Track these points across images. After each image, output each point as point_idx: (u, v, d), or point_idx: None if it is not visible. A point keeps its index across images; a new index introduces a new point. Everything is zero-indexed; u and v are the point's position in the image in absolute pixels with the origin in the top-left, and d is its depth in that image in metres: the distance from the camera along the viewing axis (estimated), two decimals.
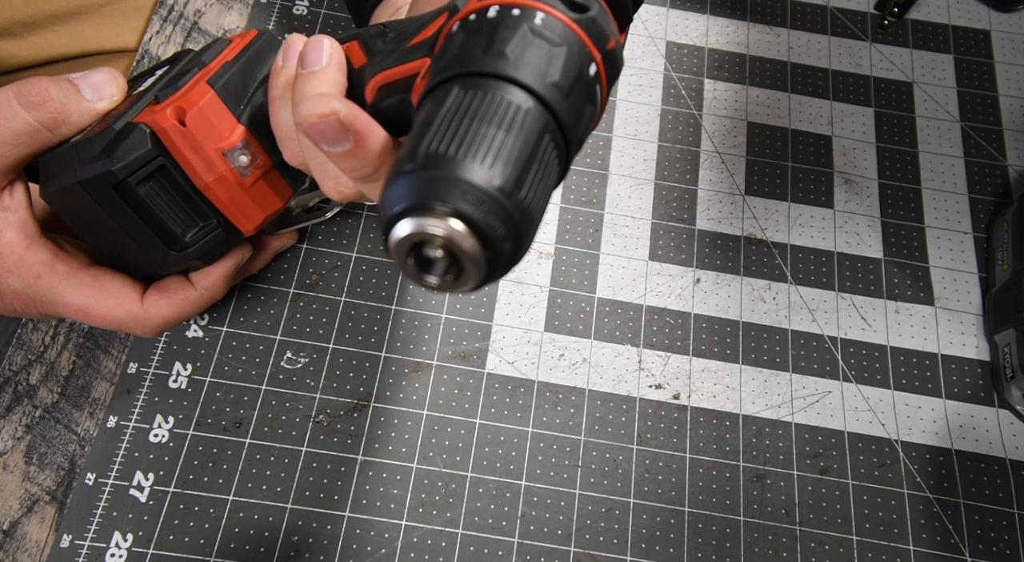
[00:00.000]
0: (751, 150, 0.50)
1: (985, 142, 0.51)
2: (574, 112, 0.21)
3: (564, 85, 0.20)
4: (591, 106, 0.22)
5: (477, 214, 0.17)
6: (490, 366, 0.42)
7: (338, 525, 0.38)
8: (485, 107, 0.19)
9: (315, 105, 0.23)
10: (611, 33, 0.22)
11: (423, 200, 0.18)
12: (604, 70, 0.22)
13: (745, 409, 0.42)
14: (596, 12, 0.22)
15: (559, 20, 0.21)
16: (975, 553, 0.40)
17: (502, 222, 0.18)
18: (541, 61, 0.20)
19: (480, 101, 0.19)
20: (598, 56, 0.22)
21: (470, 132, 0.18)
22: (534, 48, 0.20)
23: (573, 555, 0.39)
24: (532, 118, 0.20)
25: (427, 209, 0.18)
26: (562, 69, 0.20)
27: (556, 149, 0.20)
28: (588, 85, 0.21)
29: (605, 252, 0.46)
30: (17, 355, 0.41)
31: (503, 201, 0.18)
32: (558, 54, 0.20)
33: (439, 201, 0.17)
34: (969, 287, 0.46)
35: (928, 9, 0.55)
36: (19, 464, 0.39)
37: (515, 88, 0.20)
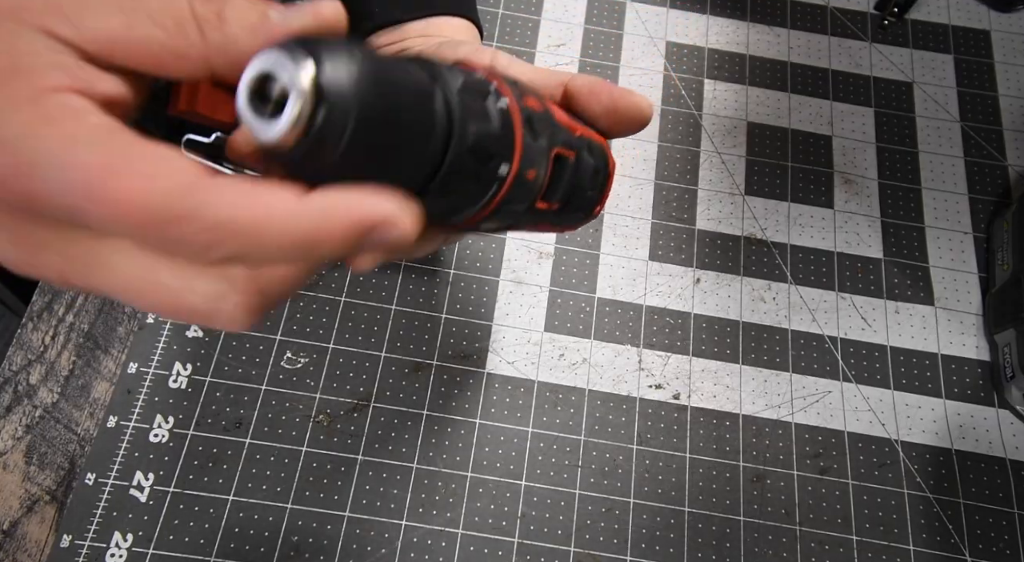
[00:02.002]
0: (751, 150, 0.50)
1: (985, 142, 0.51)
2: (460, 166, 0.21)
3: (472, 141, 0.21)
4: (477, 190, 0.23)
5: (331, 78, 0.17)
6: (490, 366, 0.42)
7: (338, 525, 0.38)
8: (408, 73, 0.20)
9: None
10: (537, 168, 0.24)
11: (305, 40, 0.18)
12: (510, 184, 0.23)
13: (745, 409, 0.42)
14: (540, 146, 0.23)
15: (513, 119, 0.23)
16: (975, 553, 0.40)
17: (343, 105, 0.17)
18: (475, 114, 0.21)
19: (409, 70, 0.20)
20: (515, 168, 0.23)
21: (382, 63, 0.19)
22: (482, 106, 0.22)
23: (573, 555, 0.39)
24: (427, 104, 0.20)
25: (302, 46, 0.17)
26: (483, 133, 0.21)
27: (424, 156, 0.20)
28: (489, 173, 0.22)
29: (605, 252, 0.46)
30: (17, 355, 0.41)
31: (356, 98, 0.17)
32: (491, 126, 0.22)
33: (315, 48, 0.17)
34: (969, 287, 0.46)
35: (928, 9, 0.55)
36: (19, 464, 0.39)
37: (441, 96, 0.20)
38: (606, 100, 0.29)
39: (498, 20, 0.52)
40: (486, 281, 0.45)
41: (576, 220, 0.29)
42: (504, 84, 0.24)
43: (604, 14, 0.54)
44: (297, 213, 0.18)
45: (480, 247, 0.46)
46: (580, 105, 0.29)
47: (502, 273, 0.45)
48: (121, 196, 0.16)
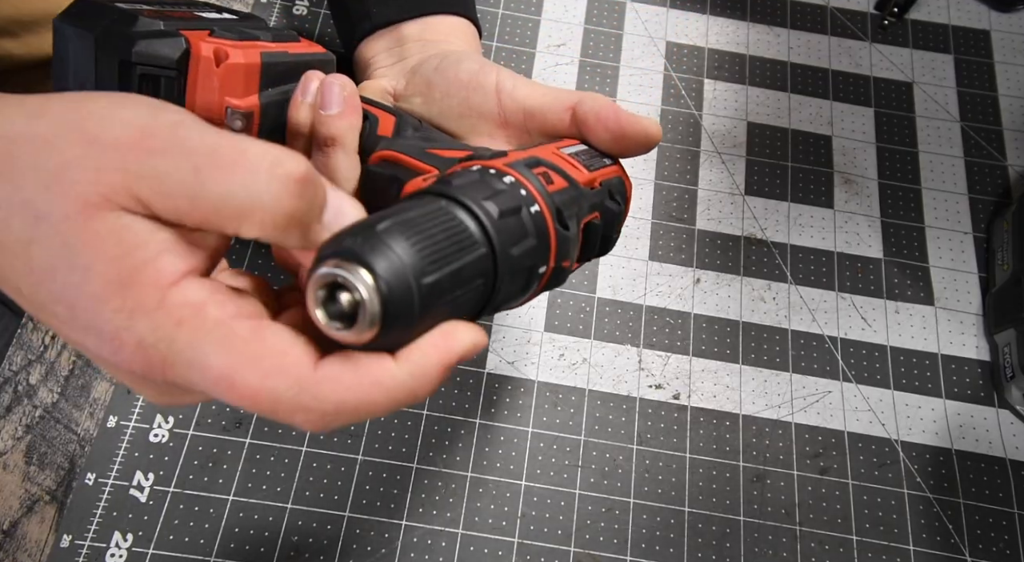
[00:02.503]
0: (751, 150, 0.50)
1: (985, 142, 0.51)
2: (507, 284, 0.23)
3: (516, 265, 0.23)
4: (521, 294, 0.25)
5: (392, 279, 0.19)
6: (490, 366, 0.42)
7: (338, 525, 0.38)
8: (448, 223, 0.22)
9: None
10: (570, 256, 0.26)
11: (350, 253, 0.20)
12: (548, 277, 0.26)
13: (745, 409, 0.42)
14: (572, 234, 0.26)
15: (546, 221, 0.24)
16: (975, 553, 0.40)
17: (406, 295, 0.20)
18: (513, 235, 0.23)
19: (448, 218, 0.22)
20: (552, 264, 0.25)
21: (422, 228, 0.21)
22: (516, 223, 0.23)
23: (573, 555, 0.39)
24: (475, 250, 0.22)
25: (351, 259, 0.19)
26: (523, 252, 0.23)
27: (480, 289, 0.23)
28: (530, 276, 0.25)
29: None
30: (17, 355, 0.41)
31: (414, 279, 0.20)
32: (528, 241, 0.24)
33: (363, 258, 0.19)
34: (969, 287, 0.46)
35: (928, 9, 0.55)
36: (19, 464, 0.39)
37: (480, 231, 0.22)
38: (613, 127, 0.29)
39: (498, 20, 0.52)
40: None
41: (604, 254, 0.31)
42: (533, 186, 0.25)
43: (604, 14, 0.54)
44: (399, 379, 0.21)
45: None
46: (588, 131, 0.29)
47: None
48: (246, 393, 0.20)
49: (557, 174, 0.26)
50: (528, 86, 0.31)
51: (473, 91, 0.31)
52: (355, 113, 0.31)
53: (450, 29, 0.37)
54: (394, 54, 0.36)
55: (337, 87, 0.30)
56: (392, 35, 0.37)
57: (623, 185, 0.30)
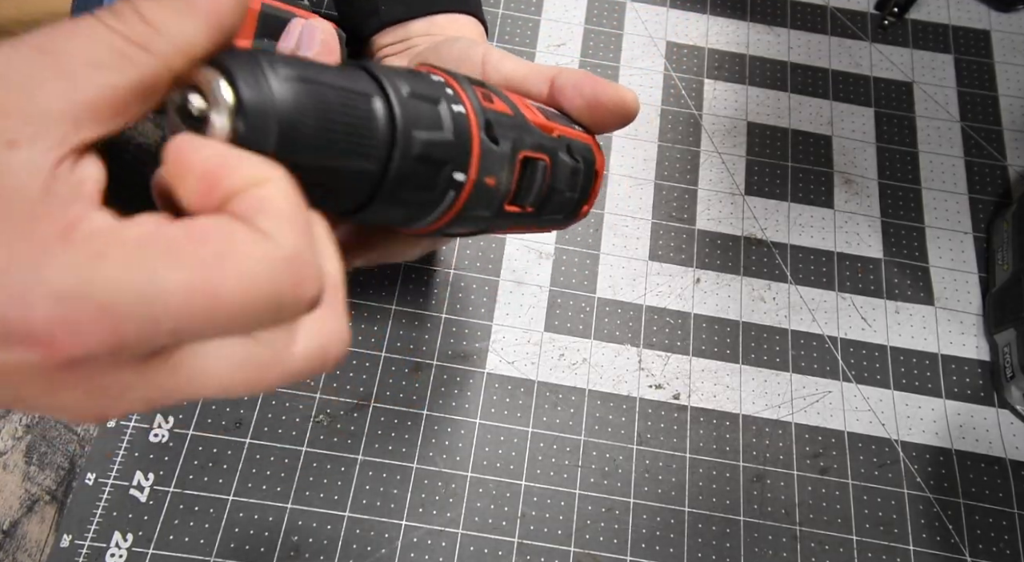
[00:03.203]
0: (751, 150, 0.50)
1: (985, 142, 0.51)
2: (409, 173, 0.21)
3: (419, 147, 0.21)
4: (430, 196, 0.22)
5: (249, 97, 0.17)
6: (490, 366, 0.42)
7: (338, 525, 0.38)
8: (349, 84, 0.20)
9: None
10: (497, 175, 0.24)
11: (220, 62, 0.18)
12: (468, 191, 0.23)
13: (745, 409, 0.42)
14: (500, 151, 0.23)
15: (470, 124, 0.23)
16: (975, 553, 0.40)
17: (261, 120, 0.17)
18: (423, 120, 0.21)
19: (350, 80, 0.20)
20: (473, 175, 0.23)
21: (315, 69, 0.19)
22: (430, 111, 0.21)
23: (573, 555, 0.39)
24: (371, 121, 0.20)
25: (222, 69, 0.18)
26: (431, 141, 0.21)
27: (367, 165, 0.20)
28: (443, 179, 0.22)
29: (605, 252, 0.46)
30: None
31: (278, 110, 0.18)
32: (442, 134, 0.22)
33: (232, 73, 0.17)
34: (969, 287, 0.46)
35: (928, 9, 0.55)
36: (19, 464, 0.39)
37: (383, 104, 0.20)
38: (588, 93, 0.28)
39: (498, 20, 0.52)
40: (486, 281, 0.45)
41: (559, 221, 0.29)
42: (463, 88, 0.23)
43: (604, 14, 0.54)
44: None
45: (480, 247, 0.46)
46: (565, 100, 0.29)
47: (502, 273, 0.45)
48: (234, 286, 0.15)
49: (501, 100, 0.25)
50: (513, 61, 0.31)
51: (460, 63, 0.31)
52: (331, 55, 0.30)
53: (458, 27, 0.37)
54: (401, 46, 0.37)
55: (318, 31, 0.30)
56: (400, 31, 0.37)
57: (590, 152, 0.28)
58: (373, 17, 0.37)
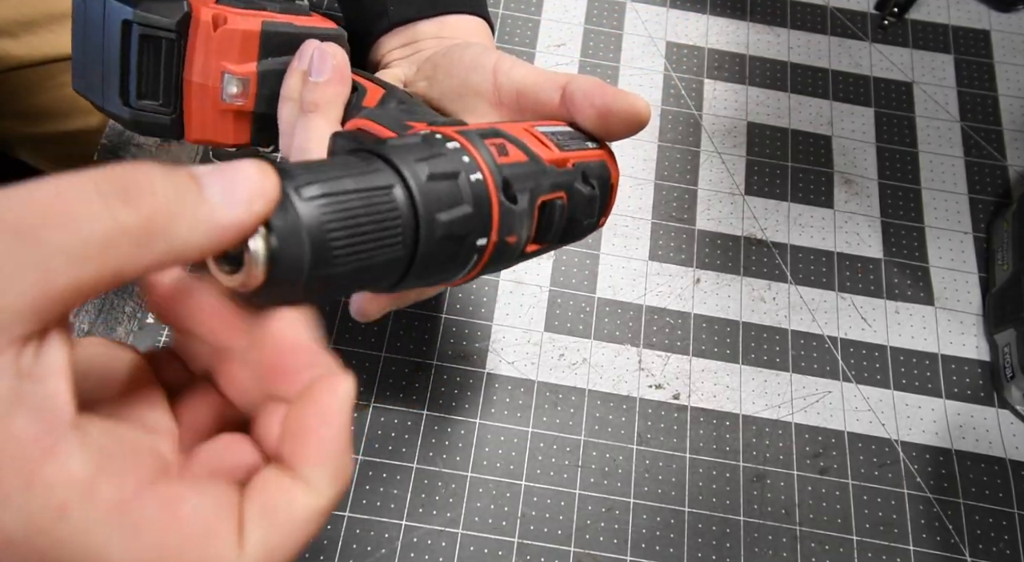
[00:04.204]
0: (751, 150, 0.50)
1: (985, 142, 0.51)
2: (436, 251, 0.22)
3: (444, 230, 0.22)
4: (457, 265, 0.24)
5: (281, 232, 0.18)
6: (490, 366, 0.42)
7: (338, 525, 0.38)
8: (368, 176, 0.21)
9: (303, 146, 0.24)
10: (517, 232, 0.24)
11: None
12: (490, 251, 0.24)
13: (745, 409, 0.42)
14: (519, 209, 0.24)
15: (487, 190, 0.23)
16: (975, 553, 0.40)
17: (297, 251, 0.19)
18: (444, 200, 0.22)
19: (366, 170, 0.21)
20: (494, 238, 0.24)
21: (335, 179, 0.20)
22: (450, 187, 0.22)
23: (573, 555, 0.39)
24: (395, 213, 0.21)
25: None
26: (454, 219, 0.22)
27: (397, 254, 0.21)
28: (466, 249, 0.23)
29: (605, 252, 0.46)
30: None
31: (308, 237, 0.19)
32: (462, 208, 0.22)
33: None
34: (969, 287, 0.46)
35: (928, 9, 0.55)
36: None
37: (405, 193, 0.21)
38: (599, 102, 0.28)
39: (498, 20, 0.52)
40: (486, 281, 0.45)
41: (577, 239, 0.30)
42: (478, 151, 0.24)
43: (604, 14, 0.54)
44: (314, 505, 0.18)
45: None
46: (575, 108, 0.29)
47: (502, 273, 0.45)
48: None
49: (516, 147, 0.25)
50: (524, 67, 0.31)
51: (472, 71, 0.31)
52: (342, 82, 0.31)
53: (466, 28, 0.37)
54: (409, 49, 0.37)
55: (329, 56, 0.31)
56: (408, 32, 0.37)
57: (605, 169, 0.29)
58: (382, 18, 0.37)
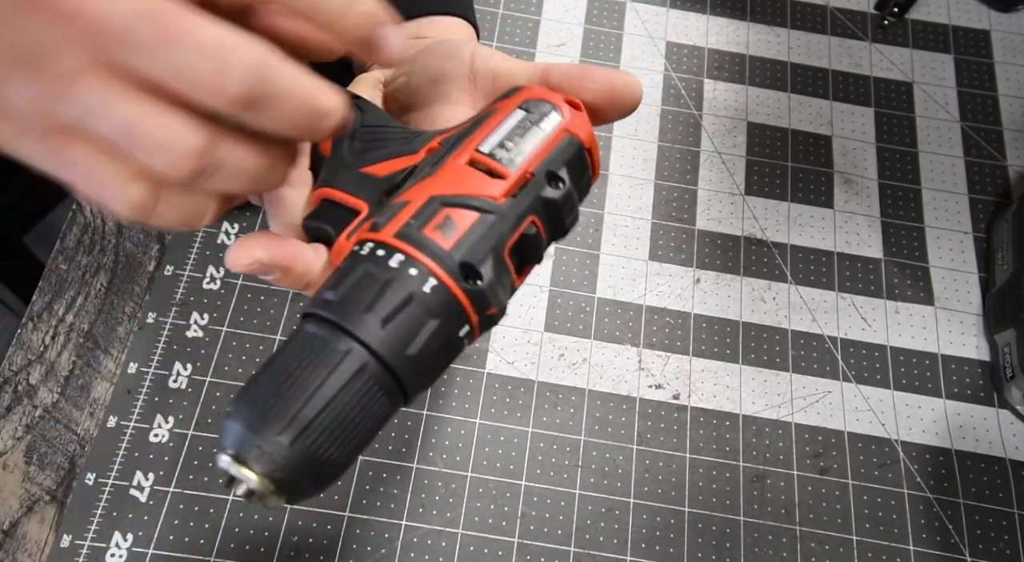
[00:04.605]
0: (751, 150, 0.50)
1: (985, 142, 0.51)
2: (423, 374, 0.23)
3: (420, 357, 0.22)
4: (451, 359, 0.24)
5: (276, 476, 0.21)
6: (490, 366, 0.42)
7: (338, 525, 0.38)
8: (329, 368, 0.21)
9: (238, 256, 0.25)
10: (496, 301, 0.24)
11: (236, 453, 0.21)
12: (478, 329, 0.24)
13: (745, 409, 0.42)
14: (487, 283, 0.23)
15: (448, 289, 0.23)
16: (975, 553, 0.40)
17: (299, 481, 0.21)
18: (408, 332, 0.22)
19: (329, 366, 0.22)
20: (475, 320, 0.24)
21: (301, 398, 0.21)
22: (409, 316, 0.22)
23: (573, 555, 0.39)
24: (371, 386, 0.22)
25: (238, 460, 0.21)
26: (425, 341, 0.22)
27: (390, 403, 0.23)
28: (453, 345, 0.24)
29: (605, 252, 0.46)
30: (17, 355, 0.41)
31: (302, 468, 0.21)
32: (429, 326, 0.22)
33: (246, 462, 0.21)
34: (969, 287, 0.46)
35: (928, 9, 0.55)
36: (19, 464, 0.39)
37: (369, 355, 0.22)
38: (603, 82, 0.27)
39: (498, 20, 0.52)
40: None
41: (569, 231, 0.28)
42: (424, 253, 0.23)
43: (604, 14, 0.54)
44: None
45: None
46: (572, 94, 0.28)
47: None
48: None
49: (461, 210, 0.24)
50: (502, 56, 0.30)
51: (450, 58, 0.31)
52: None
53: (448, 29, 0.37)
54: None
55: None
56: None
57: (572, 146, 0.26)
58: None
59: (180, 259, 0.43)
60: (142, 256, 0.44)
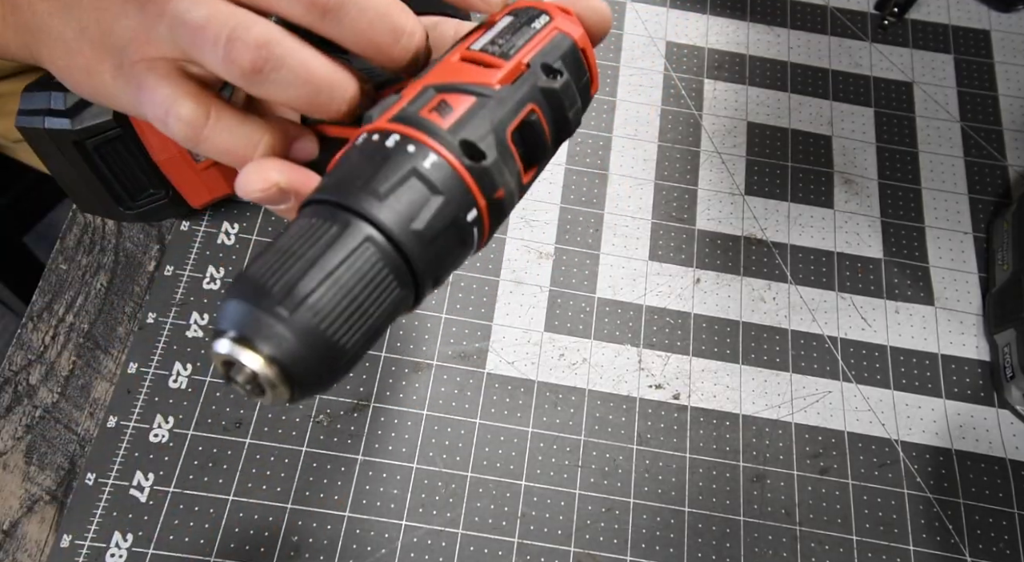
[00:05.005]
0: (751, 150, 0.50)
1: (985, 142, 0.51)
2: (433, 257, 0.22)
3: (427, 234, 0.21)
4: (462, 247, 0.23)
5: (284, 359, 0.19)
6: (490, 366, 0.42)
7: (338, 525, 0.38)
8: (335, 247, 0.20)
9: (253, 180, 0.24)
10: (503, 182, 0.23)
11: (239, 334, 0.19)
12: (487, 215, 0.23)
13: (745, 409, 0.42)
14: (491, 162, 0.22)
15: (449, 166, 0.22)
16: (975, 553, 0.40)
17: (309, 365, 0.19)
18: (412, 206, 0.21)
19: (332, 239, 0.20)
20: (482, 203, 0.23)
21: (307, 273, 0.20)
22: (412, 192, 0.21)
23: (573, 555, 0.39)
24: (377, 261, 0.21)
25: (241, 342, 0.19)
26: (431, 217, 0.21)
27: (400, 287, 0.21)
28: (462, 230, 0.22)
29: (605, 252, 0.46)
30: (17, 355, 0.41)
31: (312, 350, 0.19)
32: (433, 202, 0.21)
33: (251, 341, 0.19)
34: (969, 287, 0.46)
35: (928, 9, 0.55)
36: (19, 464, 0.39)
37: (374, 230, 0.21)
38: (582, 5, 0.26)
39: None
40: (486, 281, 0.45)
41: (574, 129, 0.27)
42: (423, 131, 0.22)
43: None
44: None
45: None
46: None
47: (502, 273, 0.45)
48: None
49: (456, 94, 0.23)
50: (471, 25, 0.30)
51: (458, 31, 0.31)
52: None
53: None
54: None
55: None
56: None
57: (565, 42, 0.25)
58: None
59: (180, 259, 0.43)
60: (142, 256, 0.44)
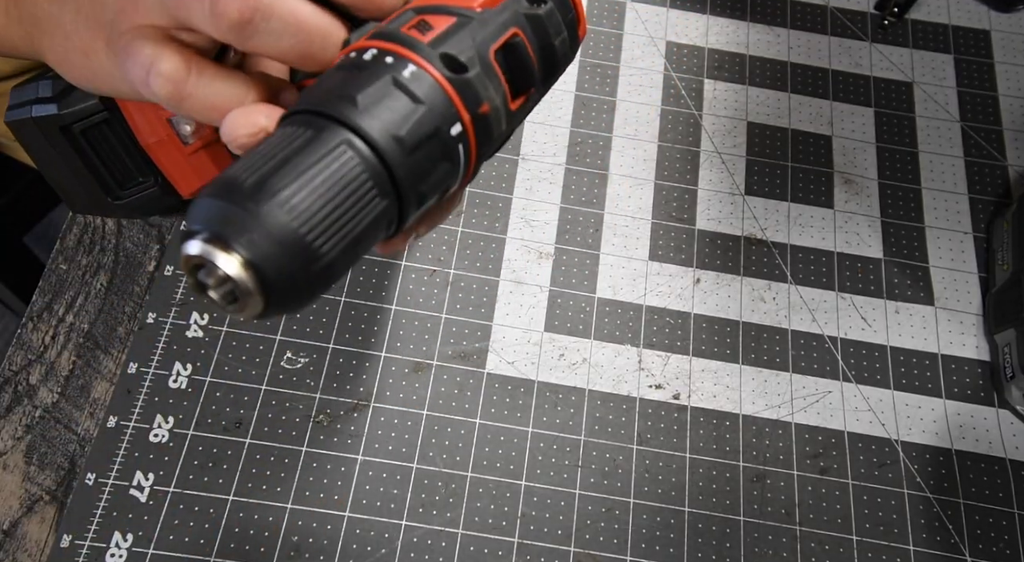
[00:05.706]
0: (751, 150, 0.50)
1: (985, 142, 0.51)
2: (416, 168, 0.21)
3: (409, 141, 0.21)
4: (447, 163, 0.22)
5: (257, 258, 0.18)
6: (490, 366, 0.42)
7: (338, 525, 0.38)
8: (310, 147, 0.20)
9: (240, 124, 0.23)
10: (487, 97, 0.23)
11: (212, 233, 0.18)
12: (473, 131, 0.23)
13: (745, 409, 0.42)
14: (474, 74, 0.22)
15: (429, 77, 0.21)
16: (975, 553, 0.40)
17: (282, 266, 0.18)
18: (391, 113, 0.21)
19: (307, 140, 0.20)
20: (466, 117, 0.22)
21: (283, 171, 0.19)
22: (390, 100, 0.21)
23: (573, 555, 0.39)
24: (356, 166, 0.20)
25: (214, 242, 0.18)
26: (412, 125, 0.21)
27: (382, 200, 0.21)
28: (445, 144, 0.22)
29: (605, 252, 0.46)
30: (17, 355, 0.41)
31: (285, 249, 0.18)
32: (415, 111, 0.21)
33: (225, 240, 0.18)
34: (969, 287, 0.46)
35: (928, 9, 0.55)
36: (19, 464, 0.39)
37: (352, 135, 0.20)
38: None
39: None
40: (486, 281, 0.45)
41: (566, 65, 0.27)
42: (401, 43, 0.22)
43: (604, 14, 0.54)
44: None
45: (480, 247, 0.46)
46: None
47: (502, 273, 0.45)
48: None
49: (436, 15, 0.23)
50: None
51: None
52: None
53: None
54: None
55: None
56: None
57: None
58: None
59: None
60: (142, 256, 0.44)
